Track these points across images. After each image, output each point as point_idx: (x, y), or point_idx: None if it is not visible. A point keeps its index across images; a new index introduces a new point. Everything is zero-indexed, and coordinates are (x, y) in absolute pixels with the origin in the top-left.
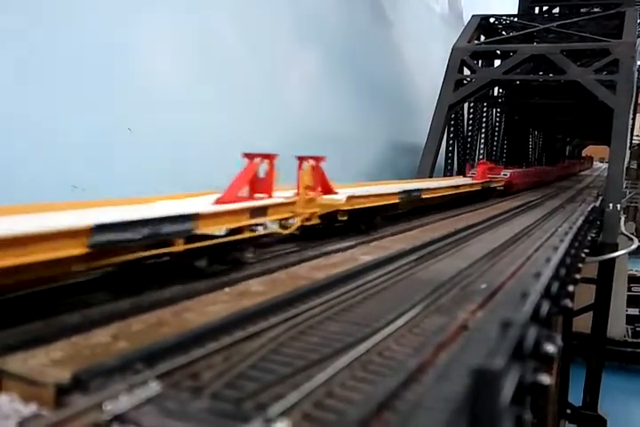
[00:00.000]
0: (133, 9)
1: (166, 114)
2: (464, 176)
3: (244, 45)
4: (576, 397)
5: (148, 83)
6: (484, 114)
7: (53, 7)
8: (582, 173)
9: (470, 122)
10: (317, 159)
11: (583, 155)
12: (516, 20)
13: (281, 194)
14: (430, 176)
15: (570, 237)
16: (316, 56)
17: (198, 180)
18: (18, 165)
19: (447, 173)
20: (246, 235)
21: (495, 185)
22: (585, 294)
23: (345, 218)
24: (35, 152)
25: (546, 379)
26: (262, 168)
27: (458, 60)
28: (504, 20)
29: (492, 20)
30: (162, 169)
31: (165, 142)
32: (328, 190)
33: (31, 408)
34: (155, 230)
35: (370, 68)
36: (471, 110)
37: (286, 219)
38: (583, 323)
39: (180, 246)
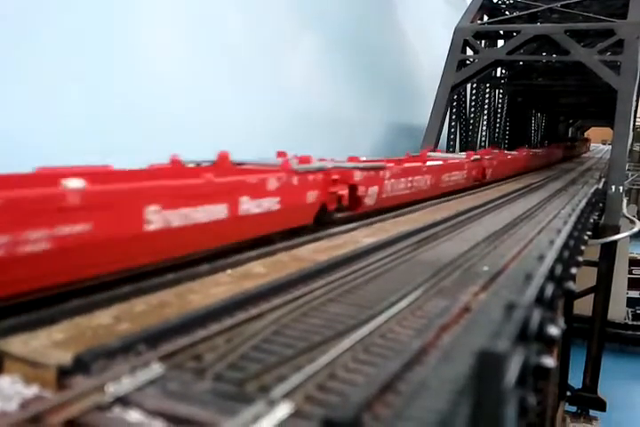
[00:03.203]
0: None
1: (171, 94)
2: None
3: (245, 29)
4: (576, 379)
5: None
6: (487, 95)
7: None
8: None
9: (473, 103)
10: None
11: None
12: None
13: None
14: None
15: (573, 218)
16: (316, 38)
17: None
18: None
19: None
20: None
21: None
22: (586, 277)
23: None
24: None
25: (549, 361)
26: None
27: (461, 40)
28: None
29: None
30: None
31: (169, 119)
32: None
33: (33, 390)
34: None
35: (370, 50)
36: (474, 91)
37: None
38: (584, 305)
39: None
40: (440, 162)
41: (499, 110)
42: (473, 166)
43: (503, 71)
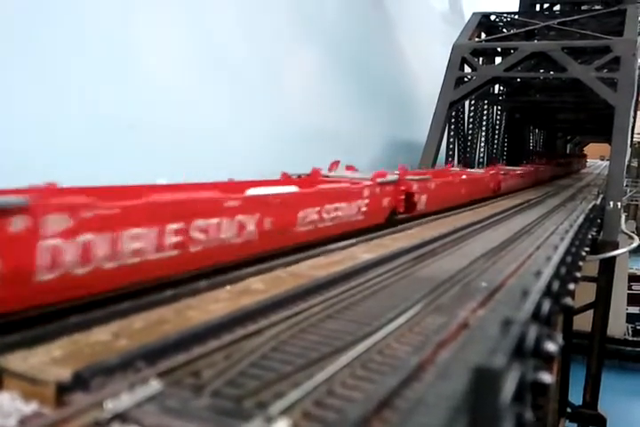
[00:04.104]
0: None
1: (172, 111)
2: None
3: (246, 44)
4: (576, 395)
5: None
6: (485, 112)
7: None
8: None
9: (471, 120)
10: None
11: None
12: (516, 17)
13: None
14: None
15: (571, 234)
16: (316, 54)
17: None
18: None
19: None
20: None
21: None
22: (585, 293)
23: None
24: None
25: (547, 377)
26: None
27: (459, 57)
28: (505, 17)
29: (492, 17)
30: (163, 157)
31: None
32: None
33: (32, 407)
34: None
35: (370, 66)
36: (472, 108)
37: None
38: (583, 321)
39: None
40: (293, 188)
41: (497, 126)
42: (383, 193)
43: (501, 88)
